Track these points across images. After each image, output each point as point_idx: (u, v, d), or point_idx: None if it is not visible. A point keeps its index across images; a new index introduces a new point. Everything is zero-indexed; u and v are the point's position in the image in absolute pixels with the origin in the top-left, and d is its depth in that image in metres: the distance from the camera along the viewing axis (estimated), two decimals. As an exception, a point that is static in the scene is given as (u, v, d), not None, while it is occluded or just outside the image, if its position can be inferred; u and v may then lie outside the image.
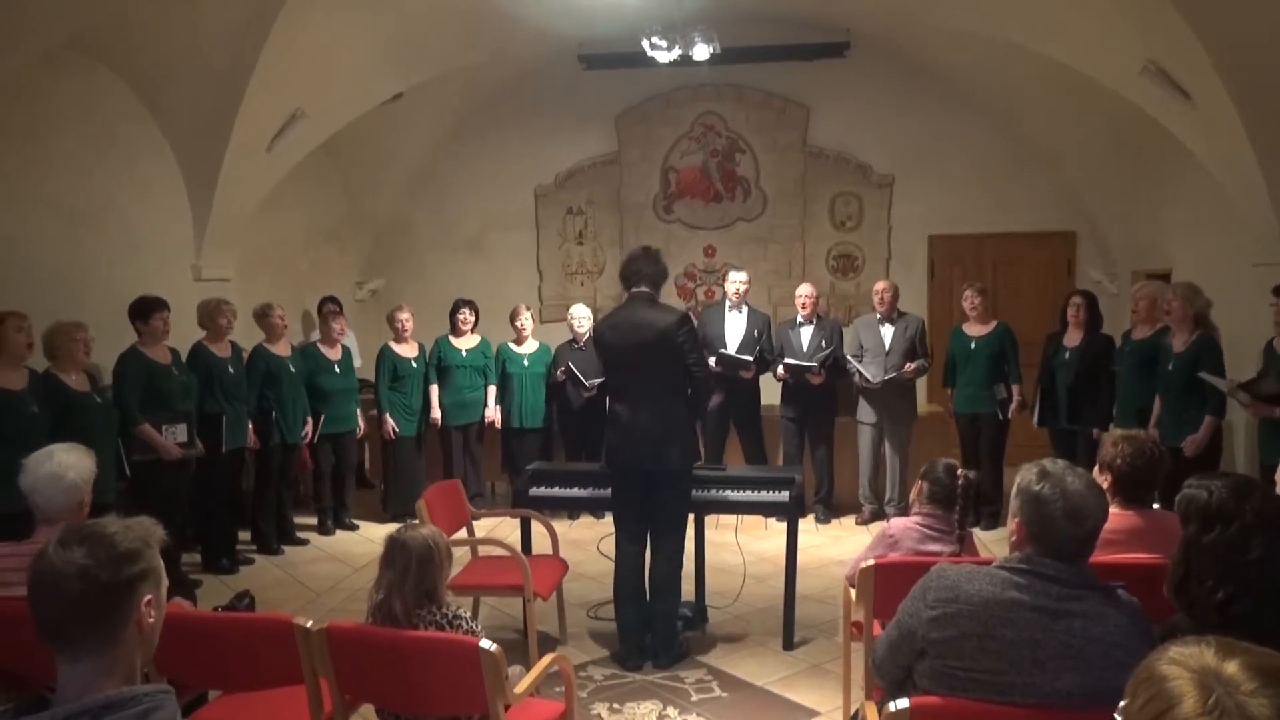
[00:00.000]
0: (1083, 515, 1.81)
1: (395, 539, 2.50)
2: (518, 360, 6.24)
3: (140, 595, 1.37)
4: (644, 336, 3.60)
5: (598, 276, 8.23)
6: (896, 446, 5.89)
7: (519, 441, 6.19)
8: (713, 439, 6.00)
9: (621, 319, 3.69)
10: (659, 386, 3.66)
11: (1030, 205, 7.54)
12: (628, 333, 3.64)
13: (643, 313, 3.65)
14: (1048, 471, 1.87)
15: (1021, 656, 1.78)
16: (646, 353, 3.61)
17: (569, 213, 8.22)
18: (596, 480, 4.01)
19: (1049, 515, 1.82)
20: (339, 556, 5.54)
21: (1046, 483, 1.85)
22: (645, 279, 3.70)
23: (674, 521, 3.76)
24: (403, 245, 8.33)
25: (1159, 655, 1.05)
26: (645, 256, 3.73)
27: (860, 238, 7.92)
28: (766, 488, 4.03)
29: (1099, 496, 1.85)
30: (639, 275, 3.71)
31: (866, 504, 6.06)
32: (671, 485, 3.72)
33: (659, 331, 3.61)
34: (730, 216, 8.06)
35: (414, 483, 5.93)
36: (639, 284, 3.70)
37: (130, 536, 1.39)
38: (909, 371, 5.78)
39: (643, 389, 3.65)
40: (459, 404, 6.17)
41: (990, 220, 7.61)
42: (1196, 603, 1.86)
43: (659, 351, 3.62)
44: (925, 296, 7.81)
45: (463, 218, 8.26)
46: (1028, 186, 7.54)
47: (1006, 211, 7.58)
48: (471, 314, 6.27)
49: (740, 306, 6.08)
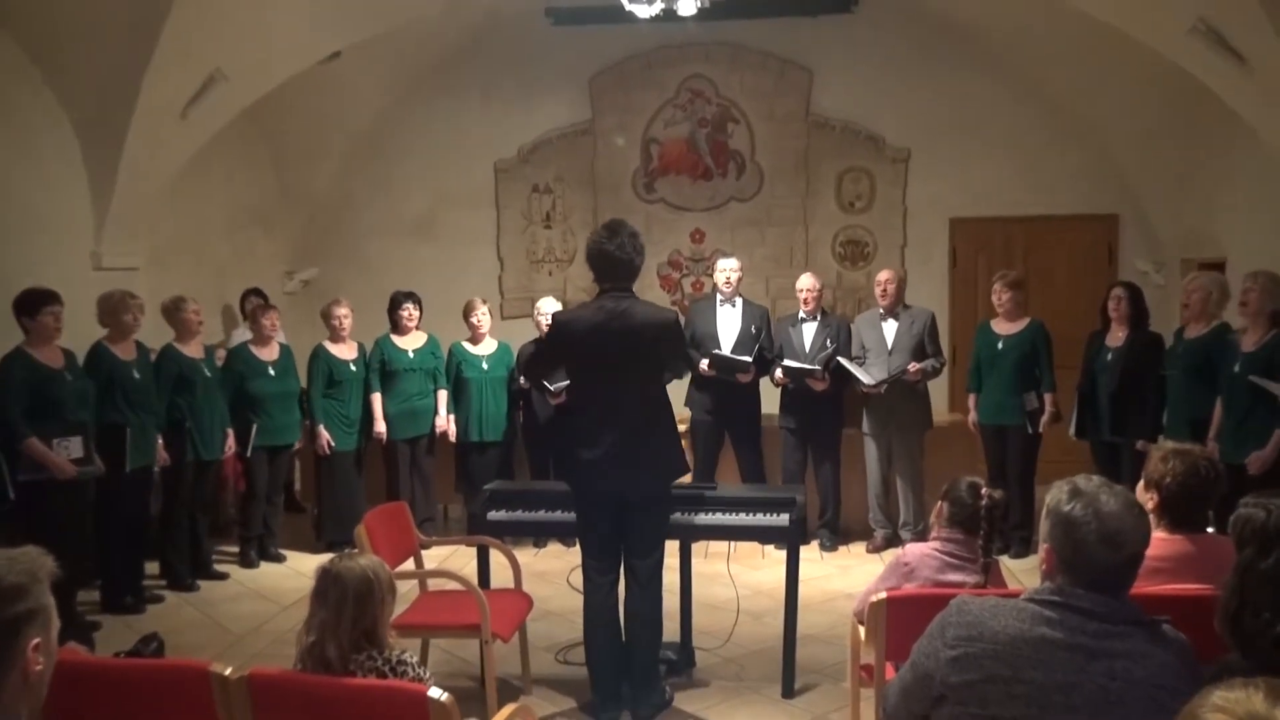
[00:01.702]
0: (1119, 540, 1.82)
1: (328, 571, 2.48)
2: (474, 363, 6.23)
3: (26, 639, 1.36)
4: (631, 333, 3.57)
5: (567, 265, 8.23)
6: (908, 462, 5.93)
7: (476, 457, 6.18)
8: (703, 453, 6.02)
9: (599, 309, 3.64)
10: (641, 395, 3.66)
11: (1066, 184, 7.62)
12: (607, 326, 3.59)
13: (627, 304, 3.62)
14: (1080, 490, 1.88)
15: (1053, 702, 1.78)
16: (631, 353, 3.59)
17: (534, 191, 8.22)
18: (566, 501, 3.99)
19: (1081, 540, 1.83)
20: (264, 593, 5.50)
21: (1078, 502, 1.85)
22: (620, 270, 3.65)
23: (650, 546, 3.75)
24: (340, 229, 8.30)
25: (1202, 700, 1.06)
26: (617, 237, 3.66)
27: (871, 221, 7.97)
28: (763, 510, 4.04)
29: (1138, 518, 1.85)
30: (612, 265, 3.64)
31: (879, 528, 6.09)
32: (649, 506, 3.72)
33: (653, 327, 3.59)
34: (721, 196, 8.08)
35: (352, 506, 5.91)
36: (615, 278, 3.65)
37: (14, 570, 1.37)
38: (912, 373, 5.79)
39: (620, 397, 3.63)
40: (405, 413, 6.16)
41: (1021, 201, 7.69)
42: (1252, 638, 1.88)
43: (648, 353, 3.62)
44: (946, 289, 7.87)
45: (410, 197, 8.24)
46: (1063, 163, 7.62)
47: (1039, 191, 7.65)
48: (415, 309, 6.26)
49: (733, 300, 6.11)
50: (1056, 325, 6.09)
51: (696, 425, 6.06)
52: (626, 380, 3.62)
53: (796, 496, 4.05)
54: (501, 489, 4.38)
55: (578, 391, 3.80)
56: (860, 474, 6.13)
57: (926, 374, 5.87)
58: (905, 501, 5.95)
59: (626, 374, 3.62)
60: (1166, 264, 7.37)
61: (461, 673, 4.28)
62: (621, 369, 3.61)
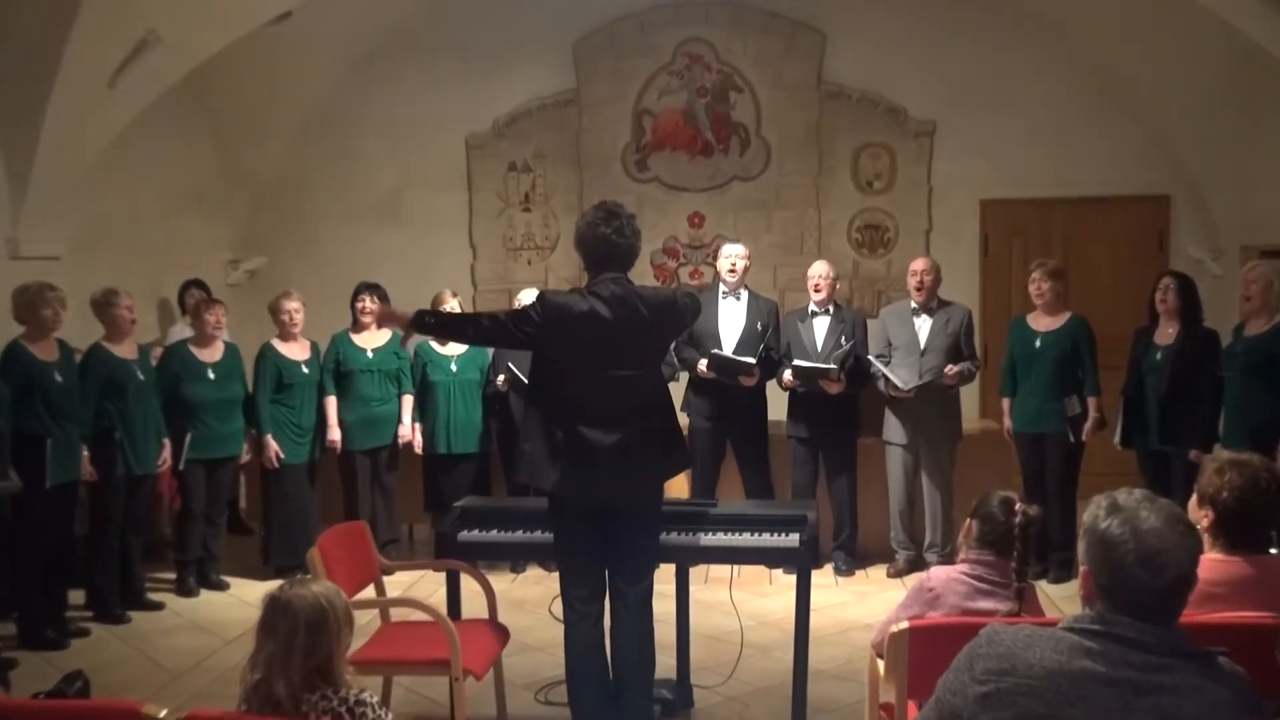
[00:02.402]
0: (1160, 561, 1.81)
1: (277, 599, 2.48)
2: (443, 364, 6.23)
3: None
4: (637, 318, 3.57)
5: (549, 253, 8.24)
6: (936, 475, 5.95)
7: (446, 471, 6.19)
8: (702, 465, 6.03)
9: (595, 293, 3.61)
10: (644, 387, 3.67)
11: (1112, 162, 7.66)
12: (610, 313, 3.56)
13: (629, 294, 3.61)
14: (1118, 505, 1.87)
15: (1095, 744, 1.79)
16: (635, 341, 3.59)
17: (512, 169, 8.23)
18: (547, 520, 3.98)
19: (1118, 561, 1.83)
20: (204, 624, 5.49)
21: (1115, 519, 1.85)
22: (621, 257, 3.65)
23: (644, 568, 3.75)
24: (291, 213, 8.30)
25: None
26: (616, 219, 3.65)
27: (892, 203, 7.99)
28: (770, 529, 4.05)
29: (1183, 535, 1.85)
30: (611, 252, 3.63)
31: (900, 550, 6.11)
32: (642, 520, 3.72)
33: (658, 308, 3.61)
34: (723, 174, 8.10)
35: (305, 526, 5.92)
36: (612, 267, 3.64)
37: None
38: (950, 377, 5.83)
39: (621, 392, 3.60)
40: (365, 421, 6.17)
41: (1060, 181, 7.72)
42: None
43: (653, 338, 3.65)
44: (976, 279, 7.91)
45: (371, 177, 8.24)
46: (1109, 138, 7.65)
47: (1081, 170, 7.69)
48: (376, 302, 6.27)
49: (737, 291, 6.12)
50: (1100, 320, 6.11)
51: (695, 434, 6.06)
52: (624, 377, 3.61)
53: (808, 514, 4.06)
54: (474, 506, 4.37)
55: (564, 386, 3.68)
56: (880, 488, 6.15)
57: (962, 378, 5.91)
58: (932, 520, 5.97)
59: (627, 365, 3.60)
60: (1224, 251, 7.41)
61: (429, 714, 4.27)
62: (622, 360, 3.59)
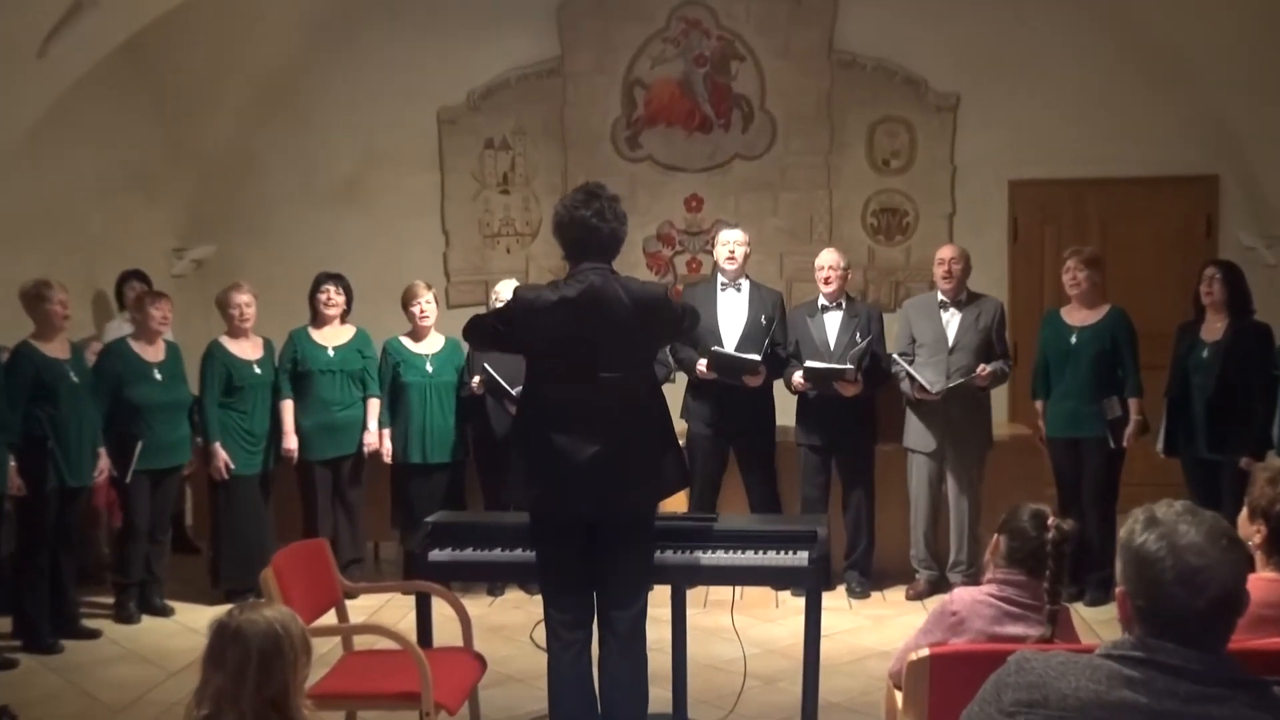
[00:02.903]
0: (1200, 579, 1.81)
1: (226, 625, 2.47)
2: (416, 364, 6.22)
3: None
4: (615, 314, 3.58)
5: (530, 240, 8.23)
6: (964, 486, 5.96)
7: (417, 482, 6.18)
8: (702, 476, 6.03)
9: (571, 286, 3.64)
10: (628, 393, 3.66)
11: (1155, 138, 7.67)
12: (584, 307, 3.59)
13: (610, 286, 3.63)
14: (1156, 518, 1.87)
15: (1136, 783, 1.79)
16: (615, 340, 3.60)
17: (488, 147, 8.22)
18: (528, 537, 3.98)
19: (1156, 580, 1.83)
20: (146, 654, 5.48)
21: (1152, 534, 1.85)
22: (601, 244, 3.68)
23: (635, 590, 3.75)
24: (242, 196, 8.29)
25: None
26: (595, 201, 3.67)
27: (911, 184, 8.00)
28: (777, 546, 4.05)
29: (1226, 551, 1.85)
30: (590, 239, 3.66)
31: (922, 569, 6.12)
32: (633, 535, 3.72)
33: (643, 305, 3.61)
34: (724, 152, 8.10)
35: (257, 544, 5.91)
36: (592, 255, 3.67)
37: None
38: (982, 378, 5.82)
39: (600, 397, 3.62)
40: (325, 427, 6.16)
41: (1098, 160, 7.72)
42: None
43: (637, 338, 3.63)
44: (1004, 268, 7.91)
45: (332, 156, 8.23)
46: (1152, 111, 7.66)
47: (1121, 147, 7.69)
48: (340, 294, 6.27)
49: (738, 282, 6.12)
50: (1141, 314, 6.13)
51: (694, 441, 6.06)
52: (607, 376, 3.62)
53: (819, 530, 4.06)
54: (447, 522, 4.37)
55: (542, 390, 3.75)
56: (900, 501, 6.15)
57: (995, 379, 5.92)
58: (957, 536, 5.98)
59: (607, 369, 3.61)
60: (1279, 238, 7.42)
61: (396, 754, 4.25)
62: (603, 360, 3.61)
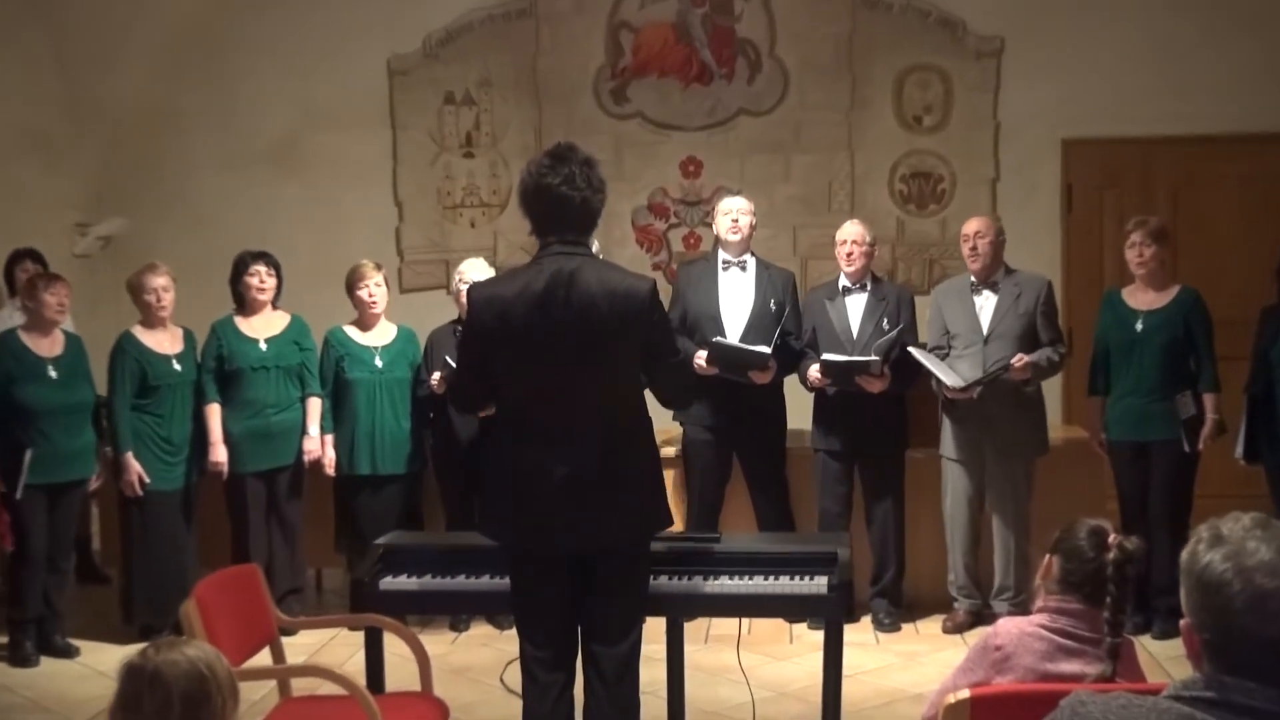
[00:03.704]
0: (1272, 606, 1.81)
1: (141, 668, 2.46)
2: (364, 357, 6.22)
3: None
4: (586, 311, 3.57)
5: (498, 213, 8.22)
6: (1008, 499, 5.95)
7: (366, 498, 6.18)
8: (702, 488, 6.04)
9: (536, 275, 3.64)
10: (604, 406, 3.66)
11: (1233, 90, 7.66)
12: (549, 301, 3.59)
13: (578, 265, 3.62)
14: (1221, 535, 1.87)
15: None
16: (587, 342, 3.59)
17: (449, 102, 8.22)
18: (498, 562, 3.99)
19: (1223, 608, 1.83)
20: (45, 701, 5.47)
21: (1216, 553, 1.85)
22: (570, 216, 3.66)
23: (623, 626, 3.75)
24: (158, 161, 8.28)
25: None
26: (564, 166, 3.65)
27: (947, 144, 8.01)
28: (791, 571, 4.05)
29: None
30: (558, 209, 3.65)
31: (961, 598, 6.12)
32: (620, 565, 3.72)
33: (620, 302, 3.59)
34: (726, 108, 8.09)
35: (178, 572, 5.90)
36: (562, 229, 3.67)
37: None
38: (1019, 368, 5.76)
39: (573, 410, 3.63)
40: (258, 434, 6.14)
41: (1166, 115, 7.72)
42: None
43: (613, 342, 3.61)
44: (1057, 243, 7.93)
45: (264, 113, 8.22)
46: (1229, 58, 7.66)
47: (1193, 100, 7.69)
48: (271, 276, 6.25)
49: (743, 259, 6.12)
50: (1218, 296, 6.13)
51: (692, 448, 6.08)
52: (581, 383, 3.62)
53: (839, 551, 4.06)
54: (403, 545, 4.38)
55: (510, 401, 3.78)
56: (935, 517, 6.16)
57: (1040, 370, 5.87)
58: (1002, 558, 5.97)
59: (581, 374, 3.61)
60: (1378, 205, 7.45)
61: (343, 818, 4.24)
62: (574, 366, 3.60)
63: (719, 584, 4.02)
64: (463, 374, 4.08)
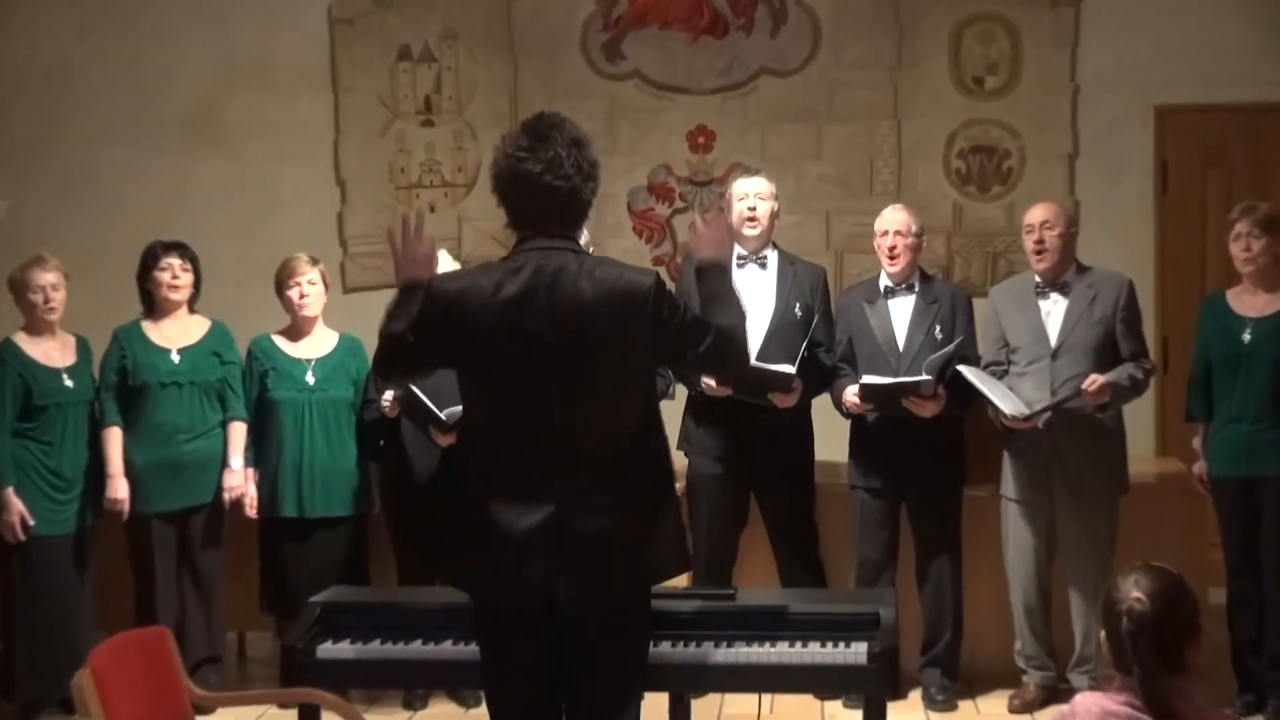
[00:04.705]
0: None
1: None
2: (293, 373, 6.23)
3: None
4: (577, 316, 3.57)
5: (465, 193, 8.25)
6: (1086, 551, 5.92)
7: (297, 546, 6.17)
8: (711, 534, 6.03)
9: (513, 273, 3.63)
10: (601, 427, 3.66)
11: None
12: (531, 305, 3.59)
13: (562, 263, 3.61)
14: None
15: None
16: (579, 351, 3.59)
17: (403, 59, 8.24)
18: (462, 624, 3.99)
19: None
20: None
21: None
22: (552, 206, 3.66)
23: (617, 701, 3.75)
24: (49, 131, 8.29)
25: None
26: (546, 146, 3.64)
27: (1015, 111, 8.02)
28: (822, 636, 4.05)
29: None
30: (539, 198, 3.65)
31: (1031, 669, 6.10)
32: (614, 628, 3.71)
33: (619, 302, 3.58)
34: (744, 66, 8.11)
35: (68, 635, 5.90)
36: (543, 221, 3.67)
37: None
38: (1093, 391, 5.72)
39: (562, 433, 3.63)
40: (168, 466, 6.14)
41: None
42: None
43: (612, 349, 3.61)
44: (1150, 233, 7.93)
45: (175, 72, 8.23)
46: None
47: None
48: (187, 271, 6.24)
49: (762, 254, 6.12)
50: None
51: (699, 484, 6.08)
52: (568, 405, 3.62)
53: (882, 611, 4.06)
54: (345, 603, 4.39)
55: (480, 425, 3.78)
56: (1000, 570, 6.14)
57: (1121, 392, 5.84)
58: (1080, 620, 5.95)
59: (569, 393, 3.61)
60: None
61: None
62: (560, 385, 3.60)
63: (733, 652, 4.02)
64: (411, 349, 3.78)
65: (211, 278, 6.43)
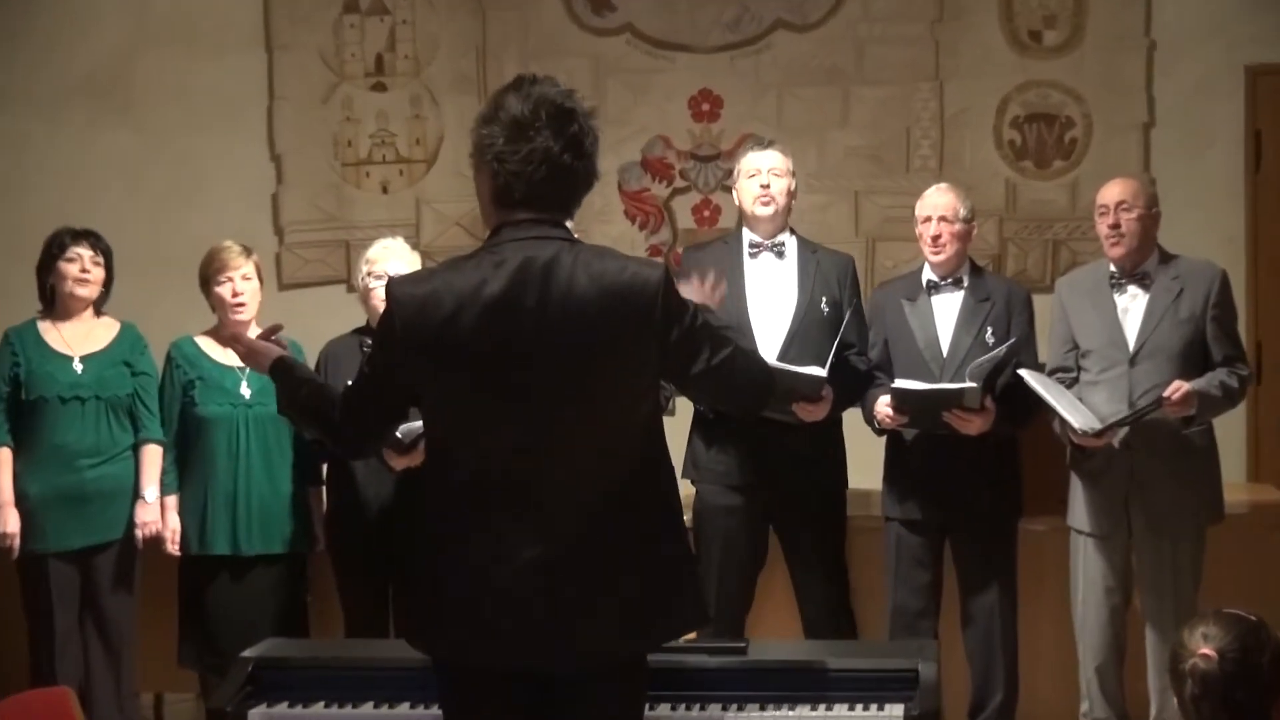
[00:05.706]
0: None
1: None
2: (223, 384, 6.24)
3: None
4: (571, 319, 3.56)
5: (424, 170, 8.29)
6: (1167, 592, 5.95)
7: (225, 590, 6.20)
8: (723, 574, 6.06)
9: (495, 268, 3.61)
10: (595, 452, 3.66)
11: None
12: (517, 307, 3.57)
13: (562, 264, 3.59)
14: None
15: None
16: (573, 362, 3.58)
17: (350, 10, 8.30)
18: (423, 684, 4.02)
19: None
20: None
21: None
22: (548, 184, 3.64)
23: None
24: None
25: None
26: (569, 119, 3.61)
27: (1079, 72, 8.07)
28: (852, 696, 4.08)
29: None
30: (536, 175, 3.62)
31: (1100, 734, 6.17)
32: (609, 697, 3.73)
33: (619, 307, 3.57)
34: (756, 19, 8.16)
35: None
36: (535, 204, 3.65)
37: None
38: (1175, 401, 5.73)
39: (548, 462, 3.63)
40: (68, 497, 6.17)
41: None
42: None
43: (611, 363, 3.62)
44: (1240, 215, 7.97)
45: (83, 30, 8.29)
46: None
47: None
48: (98, 265, 6.26)
49: (778, 241, 6.14)
50: None
51: (708, 516, 6.11)
52: (561, 425, 3.61)
53: (921, 666, 4.10)
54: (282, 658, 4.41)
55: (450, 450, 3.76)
56: (1061, 616, 6.19)
57: (1211, 403, 5.85)
58: (1157, 674, 5.96)
59: (561, 411, 3.61)
60: None
61: None
62: (551, 401, 3.59)
63: (745, 716, 4.06)
64: (360, 390, 3.88)
65: (123, 271, 6.43)
